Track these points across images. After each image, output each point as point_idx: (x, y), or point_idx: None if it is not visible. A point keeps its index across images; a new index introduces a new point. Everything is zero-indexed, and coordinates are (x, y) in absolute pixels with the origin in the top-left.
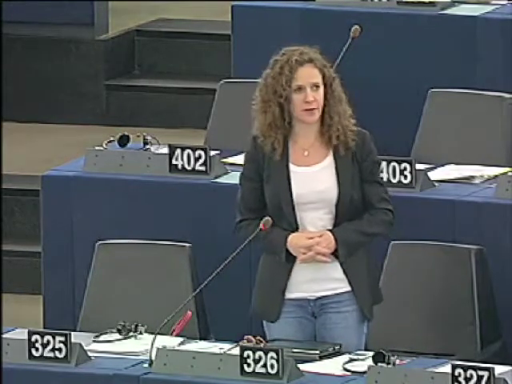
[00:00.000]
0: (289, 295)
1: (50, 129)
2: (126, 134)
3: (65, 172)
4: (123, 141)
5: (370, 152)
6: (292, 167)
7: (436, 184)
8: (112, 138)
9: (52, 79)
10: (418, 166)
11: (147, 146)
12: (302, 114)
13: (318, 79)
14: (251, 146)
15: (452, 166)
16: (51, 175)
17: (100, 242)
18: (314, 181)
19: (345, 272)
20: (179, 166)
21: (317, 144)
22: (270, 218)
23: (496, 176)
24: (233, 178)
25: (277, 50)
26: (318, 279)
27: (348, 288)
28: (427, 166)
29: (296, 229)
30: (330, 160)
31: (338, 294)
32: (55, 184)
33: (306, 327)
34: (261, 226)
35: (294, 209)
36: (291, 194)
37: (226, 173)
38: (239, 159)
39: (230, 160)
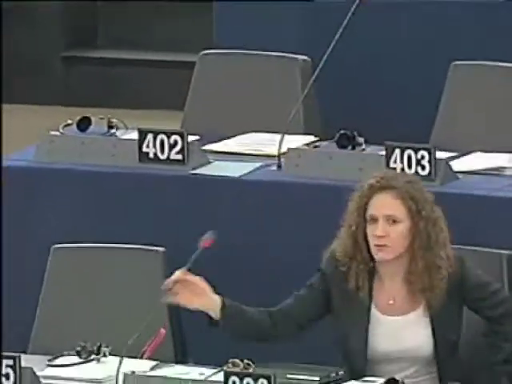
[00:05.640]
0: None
1: None
2: (87, 115)
3: (14, 162)
4: (84, 124)
5: (470, 277)
6: (374, 313)
7: (460, 176)
8: (70, 121)
9: None
10: (439, 155)
11: (112, 131)
12: (373, 251)
13: (397, 212)
14: (330, 262)
15: (478, 155)
16: None
17: (56, 245)
18: (400, 336)
19: None
20: (151, 155)
21: (404, 290)
22: (212, 233)
23: None
24: (215, 168)
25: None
26: None
27: None
28: (449, 154)
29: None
30: (422, 309)
31: None
32: (2, 176)
33: None
34: (202, 243)
35: (366, 364)
36: (366, 349)
37: (207, 163)
38: (223, 146)
39: (212, 147)
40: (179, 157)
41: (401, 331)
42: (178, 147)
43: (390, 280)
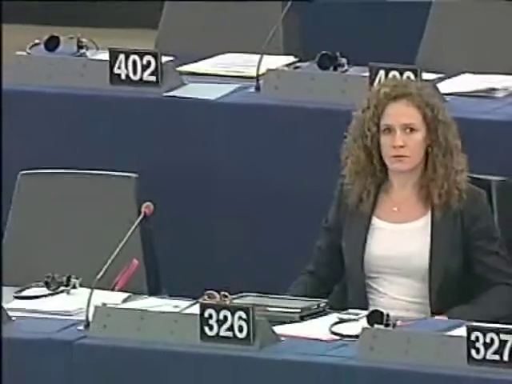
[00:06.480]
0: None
1: None
2: (55, 34)
3: None
4: (52, 44)
5: (484, 216)
6: (375, 220)
7: (447, 98)
8: (37, 41)
9: None
10: (425, 76)
11: (82, 51)
12: (390, 161)
13: (414, 120)
14: (338, 191)
15: (467, 76)
16: None
17: (23, 171)
18: (398, 243)
19: None
20: (123, 76)
21: (413, 199)
22: (150, 204)
23: None
24: (190, 90)
25: None
26: None
27: None
28: (436, 75)
29: (364, 297)
30: (426, 220)
31: None
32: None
33: None
34: (143, 209)
35: (363, 272)
36: (363, 254)
37: (182, 84)
38: (199, 67)
39: (187, 68)
40: (152, 78)
41: (398, 238)
42: (152, 68)
43: (400, 190)
